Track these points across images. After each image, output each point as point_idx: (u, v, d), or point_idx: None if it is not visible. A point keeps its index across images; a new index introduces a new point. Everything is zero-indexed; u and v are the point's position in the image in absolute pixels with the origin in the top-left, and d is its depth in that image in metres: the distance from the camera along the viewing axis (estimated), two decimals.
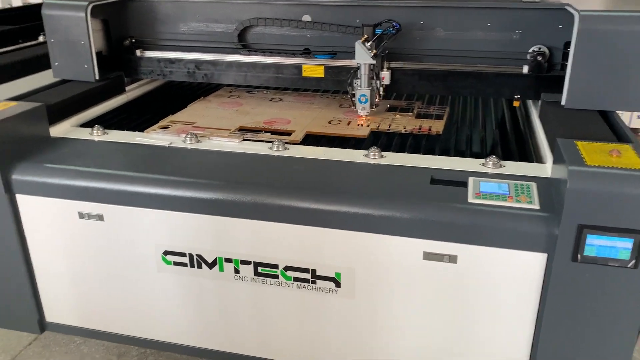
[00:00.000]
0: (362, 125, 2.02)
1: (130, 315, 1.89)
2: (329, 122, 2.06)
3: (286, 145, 1.81)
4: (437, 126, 2.00)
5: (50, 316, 1.99)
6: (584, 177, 1.34)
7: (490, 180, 1.56)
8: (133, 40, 2.31)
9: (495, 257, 1.47)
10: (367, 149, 1.76)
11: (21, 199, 1.79)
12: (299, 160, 1.73)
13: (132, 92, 2.40)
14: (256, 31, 2.23)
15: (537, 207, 1.44)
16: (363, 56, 1.91)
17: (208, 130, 1.98)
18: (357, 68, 1.98)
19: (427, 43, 2.07)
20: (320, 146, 1.86)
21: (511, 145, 1.90)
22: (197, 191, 1.63)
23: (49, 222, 1.81)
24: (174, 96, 2.45)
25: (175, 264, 1.75)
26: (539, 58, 1.94)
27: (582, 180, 1.33)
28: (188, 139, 1.86)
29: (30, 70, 2.67)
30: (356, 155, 1.74)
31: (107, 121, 2.12)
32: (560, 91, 1.81)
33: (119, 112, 2.23)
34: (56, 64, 2.19)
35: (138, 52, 2.31)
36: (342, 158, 1.73)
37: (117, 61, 2.32)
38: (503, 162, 1.67)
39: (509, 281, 1.49)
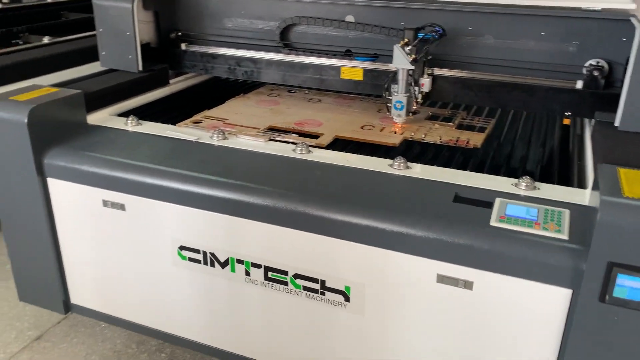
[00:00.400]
0: (395, 132, 1.93)
1: (146, 306, 1.90)
2: (362, 127, 1.98)
3: (310, 148, 1.76)
4: (476, 139, 1.87)
5: (75, 298, 2.04)
6: (617, 209, 1.19)
7: (518, 203, 1.43)
8: (179, 34, 2.33)
9: (515, 288, 1.34)
10: (394, 158, 1.67)
11: (52, 183, 1.84)
12: (319, 166, 1.67)
13: (176, 85, 2.42)
14: (299, 30, 2.19)
15: (565, 237, 1.31)
16: (401, 61, 1.82)
17: (238, 127, 1.96)
18: (395, 73, 1.88)
19: (473, 50, 1.95)
20: (347, 152, 1.78)
21: (554, 165, 1.75)
22: (212, 189, 1.60)
23: (76, 207, 1.85)
24: (215, 91, 2.45)
25: (190, 260, 1.73)
26: (596, 73, 1.77)
27: (615, 212, 1.19)
28: (215, 135, 1.84)
29: None
30: (380, 165, 1.66)
31: (145, 112, 2.15)
32: (616, 111, 1.64)
33: (159, 104, 2.25)
34: (103, 53, 2.24)
35: (183, 46, 2.32)
36: (365, 166, 1.65)
37: (164, 54, 2.35)
38: (539, 184, 1.53)
39: (528, 315, 1.36)
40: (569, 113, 1.83)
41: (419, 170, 1.63)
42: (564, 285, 1.29)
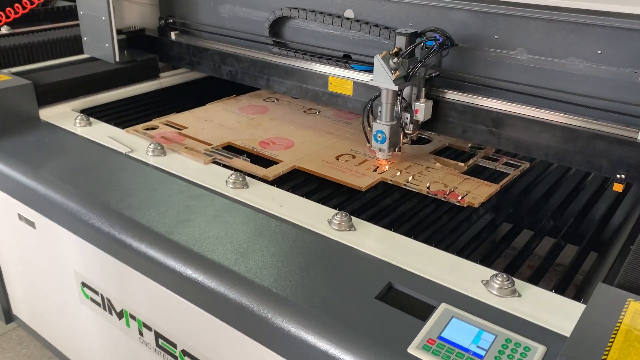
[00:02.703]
0: (375, 170, 1.45)
1: (65, 337, 1.65)
2: (338, 157, 1.52)
3: (249, 180, 1.36)
4: (478, 194, 1.33)
5: (16, 310, 1.85)
6: None
7: (470, 320, 0.93)
8: (169, 21, 2.02)
9: None
10: (346, 209, 1.23)
11: None
12: (241, 211, 1.26)
13: (169, 79, 2.11)
14: (293, 25, 1.76)
15: None
16: (382, 77, 1.34)
17: (190, 140, 1.61)
18: (379, 92, 1.40)
19: (498, 68, 1.40)
20: (295, 191, 1.35)
21: (568, 258, 1.17)
22: (101, 221, 1.28)
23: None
24: (209, 90, 2.08)
25: (92, 300, 1.44)
26: None
27: None
28: (151, 149, 1.51)
29: None
30: (319, 218, 1.22)
31: (113, 109, 1.88)
32: None
33: (135, 101, 1.96)
34: (85, 39, 1.99)
35: (172, 35, 2.01)
36: (298, 219, 1.22)
37: (154, 43, 2.06)
38: (525, 287, 1.00)
39: None
40: (623, 176, 1.23)
41: (362, 235, 1.16)
42: None
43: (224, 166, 1.47)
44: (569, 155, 1.28)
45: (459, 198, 1.31)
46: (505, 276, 1.00)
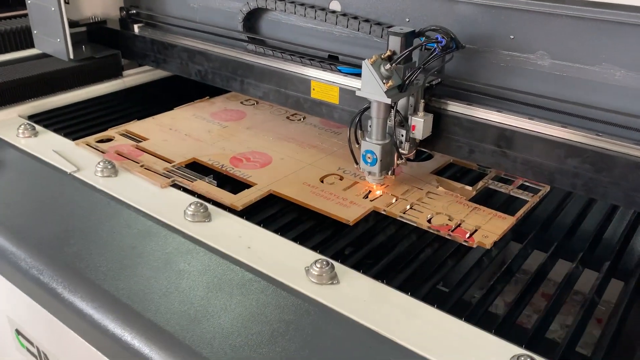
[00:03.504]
0: (366, 196, 1.21)
1: None
2: (322, 179, 1.29)
3: (211, 211, 1.13)
4: (492, 228, 1.10)
5: None
6: None
7: None
8: (133, 12, 1.76)
9: None
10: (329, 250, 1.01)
11: None
12: (199, 255, 1.03)
13: (135, 77, 1.86)
14: (270, 18, 1.51)
15: None
16: (372, 87, 1.09)
17: (148, 156, 1.37)
18: (369, 105, 1.16)
19: (513, 76, 1.16)
20: (266, 225, 1.12)
21: (613, 323, 0.94)
22: (31, 265, 1.05)
23: None
24: (179, 91, 1.83)
25: (28, 351, 1.21)
26: None
27: None
28: (100, 169, 1.27)
29: None
30: (296, 265, 0.99)
31: (66, 115, 1.64)
32: None
33: (93, 104, 1.72)
34: (35, 32, 1.74)
35: (136, 29, 1.75)
36: (267, 266, 0.99)
37: (116, 36, 1.81)
38: None
39: None
40: None
41: (347, 291, 0.93)
42: None
43: (185, 190, 1.23)
44: (602, 186, 1.05)
45: (467, 236, 1.08)
46: (529, 357, 0.77)
